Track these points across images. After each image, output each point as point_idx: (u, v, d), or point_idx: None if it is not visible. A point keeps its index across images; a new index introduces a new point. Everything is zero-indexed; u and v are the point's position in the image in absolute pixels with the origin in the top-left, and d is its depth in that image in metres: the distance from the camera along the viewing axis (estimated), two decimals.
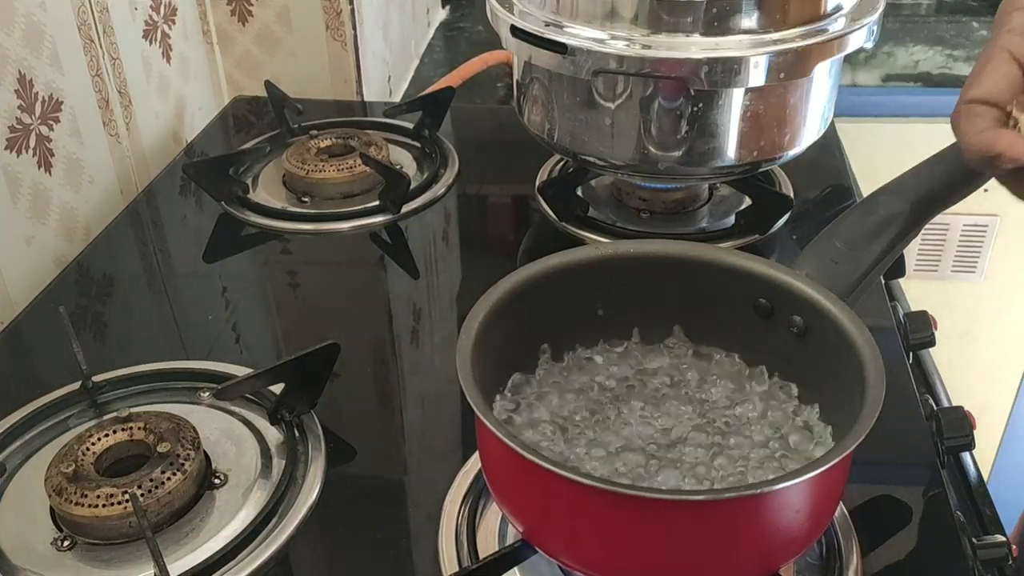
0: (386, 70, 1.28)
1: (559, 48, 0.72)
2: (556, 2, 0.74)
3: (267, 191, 0.93)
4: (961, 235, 1.48)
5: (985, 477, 0.73)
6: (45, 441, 0.63)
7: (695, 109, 0.73)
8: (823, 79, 0.76)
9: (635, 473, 0.51)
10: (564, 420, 0.55)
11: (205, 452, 0.60)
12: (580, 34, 0.73)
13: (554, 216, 0.86)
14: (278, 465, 0.60)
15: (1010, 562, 0.57)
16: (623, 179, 0.86)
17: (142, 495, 0.54)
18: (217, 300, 0.80)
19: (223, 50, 1.16)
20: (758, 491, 0.42)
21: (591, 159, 0.80)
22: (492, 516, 0.56)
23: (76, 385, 0.66)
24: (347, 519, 0.58)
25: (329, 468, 0.60)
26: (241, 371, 0.66)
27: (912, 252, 1.50)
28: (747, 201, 0.87)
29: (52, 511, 0.56)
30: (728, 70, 0.70)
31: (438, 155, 0.98)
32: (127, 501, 0.54)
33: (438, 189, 0.93)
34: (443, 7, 1.62)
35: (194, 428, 0.59)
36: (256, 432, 0.63)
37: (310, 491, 0.58)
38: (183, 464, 0.56)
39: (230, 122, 1.11)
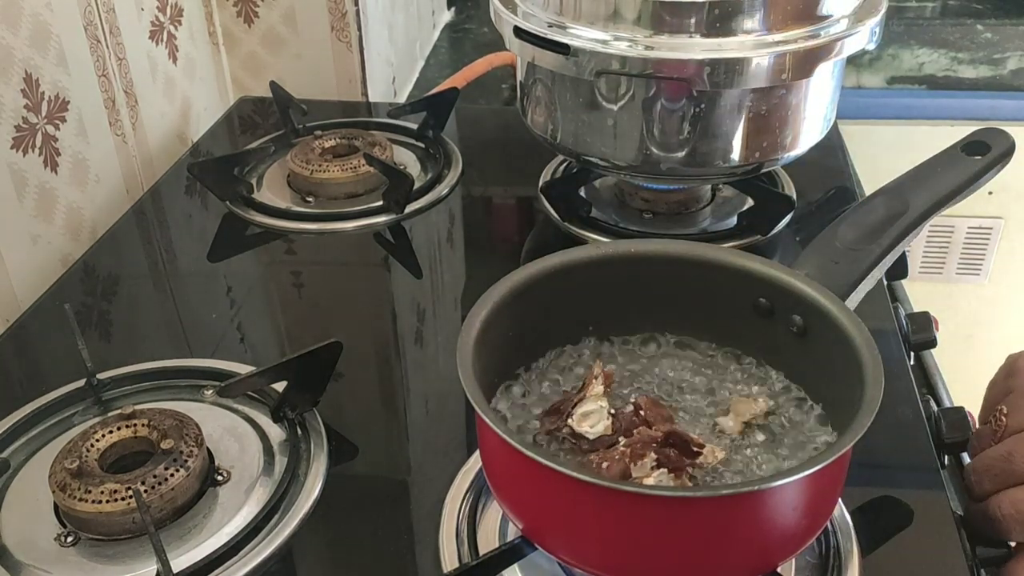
0: (391, 71, 1.28)
1: (562, 49, 0.73)
2: (559, 3, 0.75)
3: (272, 191, 0.94)
4: (966, 237, 1.48)
5: None
6: (50, 438, 0.63)
7: (697, 110, 0.73)
8: (825, 80, 0.77)
9: None
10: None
11: (208, 449, 0.60)
12: (583, 35, 0.73)
13: (557, 216, 0.86)
14: (280, 462, 0.61)
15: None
16: (626, 180, 0.86)
17: (145, 491, 0.54)
18: (221, 299, 0.80)
19: (229, 51, 1.16)
20: (755, 488, 0.42)
21: (594, 160, 0.80)
22: (493, 513, 0.57)
23: (81, 382, 0.66)
24: (349, 516, 0.58)
25: (331, 466, 0.61)
26: (245, 369, 0.66)
27: (917, 254, 1.50)
28: (749, 202, 0.87)
29: (56, 507, 0.57)
30: (730, 71, 0.70)
31: (442, 156, 0.98)
32: (130, 497, 0.54)
33: (442, 189, 0.93)
34: (448, 8, 1.62)
35: (197, 425, 0.60)
36: (259, 430, 0.63)
37: (312, 488, 0.59)
38: (186, 461, 0.57)
39: (235, 122, 1.11)
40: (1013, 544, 0.55)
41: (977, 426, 0.63)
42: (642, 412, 0.51)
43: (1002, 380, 0.60)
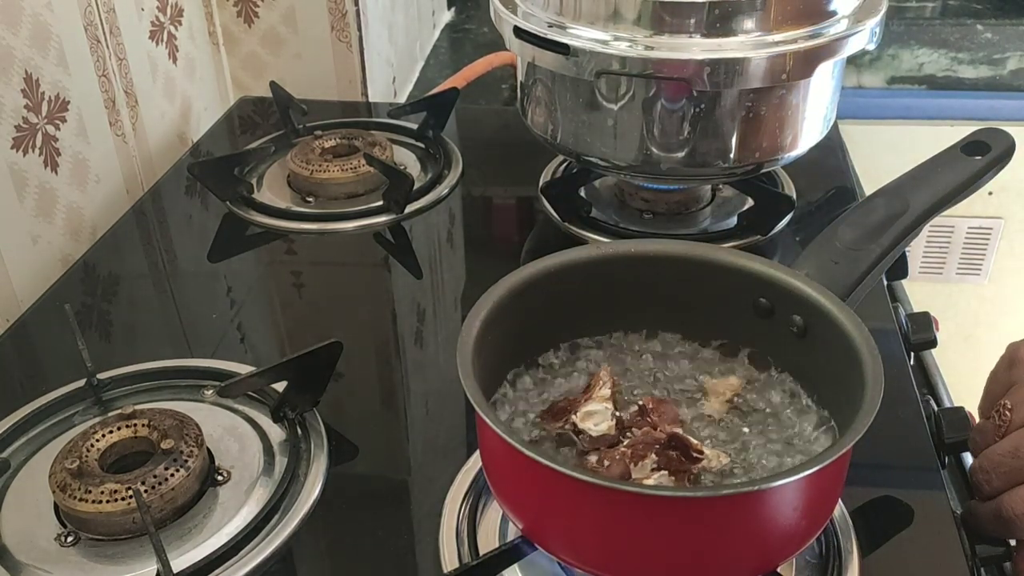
0: (391, 71, 1.28)
1: (562, 49, 0.73)
2: (559, 3, 0.75)
3: (272, 191, 0.94)
4: (966, 237, 1.48)
5: None
6: (50, 438, 0.63)
7: (697, 110, 0.73)
8: (825, 80, 0.77)
9: None
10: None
11: (208, 449, 0.60)
12: (583, 35, 0.73)
13: (557, 217, 0.86)
14: (280, 462, 0.61)
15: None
16: (626, 180, 0.86)
17: (146, 491, 0.54)
18: (222, 299, 0.80)
19: (229, 51, 1.16)
20: (756, 488, 0.42)
21: (594, 160, 0.80)
22: (493, 514, 0.57)
23: (81, 382, 0.66)
24: (349, 516, 0.58)
25: (331, 466, 0.61)
26: (245, 369, 0.66)
27: (917, 254, 1.50)
28: (749, 202, 0.87)
29: (56, 507, 0.57)
30: (730, 71, 0.70)
31: (442, 156, 0.98)
32: (131, 497, 0.54)
33: (442, 189, 0.93)
34: (448, 9, 1.62)
35: (197, 425, 0.60)
36: (259, 430, 0.63)
37: (312, 488, 0.59)
38: (186, 461, 0.57)
39: (235, 122, 1.11)
40: (1014, 542, 0.55)
41: (977, 421, 0.63)
42: (649, 414, 0.51)
43: (1004, 371, 0.58)
